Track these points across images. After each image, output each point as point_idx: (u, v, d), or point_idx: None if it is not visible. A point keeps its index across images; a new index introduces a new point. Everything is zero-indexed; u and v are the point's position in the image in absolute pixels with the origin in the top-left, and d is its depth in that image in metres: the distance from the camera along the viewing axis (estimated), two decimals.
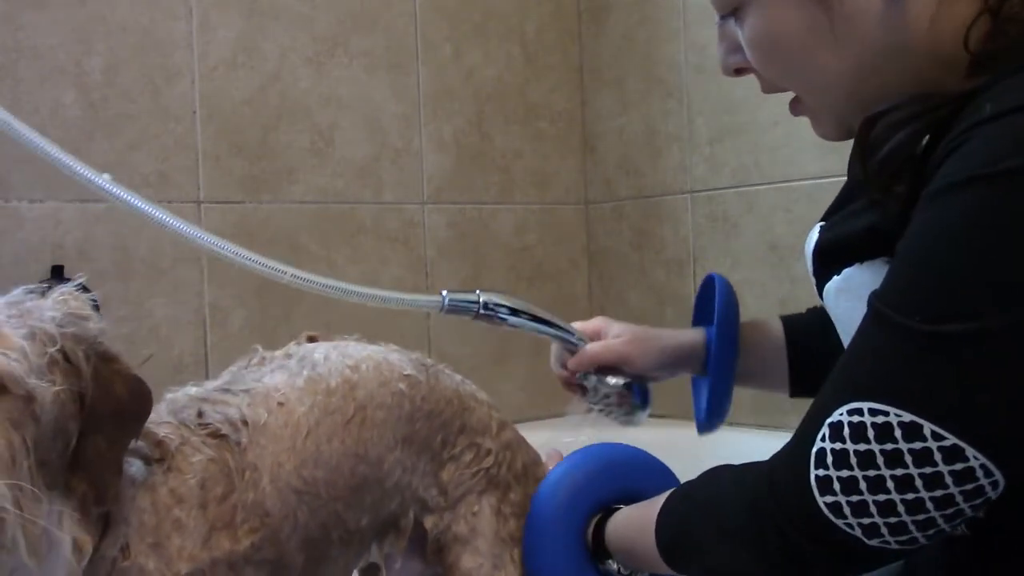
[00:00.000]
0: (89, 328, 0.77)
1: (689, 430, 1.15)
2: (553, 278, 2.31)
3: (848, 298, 0.84)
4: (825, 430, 0.71)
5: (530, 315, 1.10)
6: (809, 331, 1.10)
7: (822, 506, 0.71)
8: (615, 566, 0.96)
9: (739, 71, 0.88)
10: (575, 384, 1.15)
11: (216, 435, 0.86)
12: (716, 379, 1.09)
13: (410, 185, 2.09)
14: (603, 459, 1.01)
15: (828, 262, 0.88)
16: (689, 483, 0.87)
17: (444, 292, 1.06)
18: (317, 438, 0.90)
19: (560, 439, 1.11)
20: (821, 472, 0.71)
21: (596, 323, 1.16)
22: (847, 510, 0.70)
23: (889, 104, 0.77)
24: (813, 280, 0.91)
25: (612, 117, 2.31)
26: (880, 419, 0.68)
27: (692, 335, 1.14)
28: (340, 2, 1.99)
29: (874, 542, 0.70)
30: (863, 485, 0.69)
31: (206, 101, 1.82)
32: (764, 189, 2.00)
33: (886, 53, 0.79)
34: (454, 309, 1.06)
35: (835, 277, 0.86)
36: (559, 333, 1.12)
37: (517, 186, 2.26)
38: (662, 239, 2.20)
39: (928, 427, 0.67)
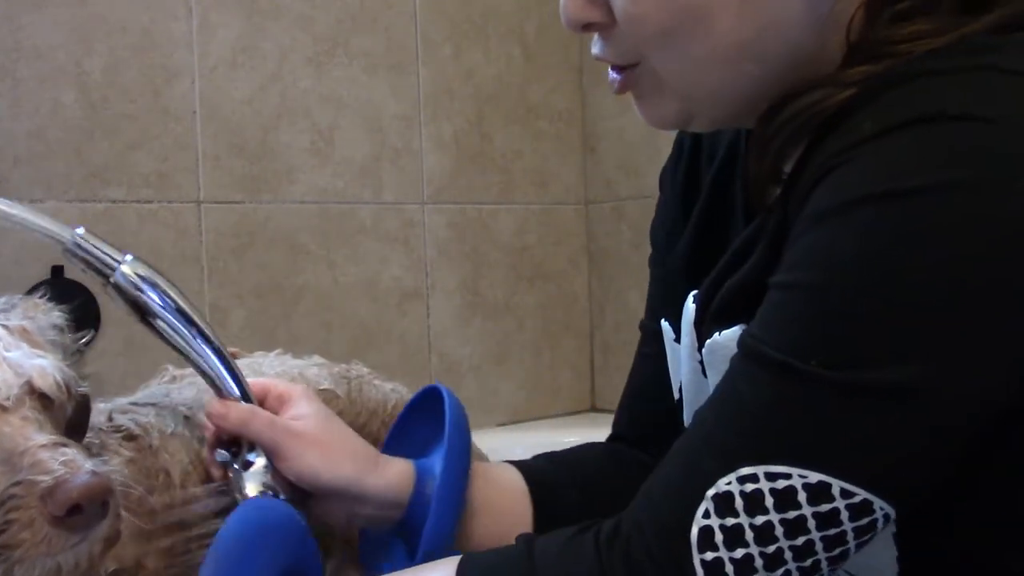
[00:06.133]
0: (68, 337, 0.82)
1: None
2: (553, 278, 2.31)
3: (721, 360, 0.70)
4: (708, 504, 0.59)
5: (188, 320, 0.79)
6: (557, 478, 0.89)
7: None
8: None
9: (588, 27, 0.70)
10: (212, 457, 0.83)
11: (130, 437, 0.86)
12: (434, 533, 0.77)
13: (410, 185, 2.09)
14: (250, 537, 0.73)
15: (716, 320, 0.74)
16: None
17: (79, 230, 0.77)
18: None
19: (561, 440, 1.10)
20: (709, 556, 0.59)
21: (291, 388, 0.85)
22: None
23: (769, 97, 0.67)
24: (695, 343, 0.78)
25: (612, 117, 2.31)
26: (781, 484, 0.58)
27: (401, 467, 0.83)
28: (340, 2, 1.99)
29: None
30: (759, 563, 0.58)
31: (206, 101, 1.82)
32: None
33: (787, 26, 0.66)
34: (81, 256, 0.78)
35: (715, 335, 0.73)
36: (211, 367, 0.79)
37: (517, 186, 2.26)
38: None
39: (838, 485, 0.57)
